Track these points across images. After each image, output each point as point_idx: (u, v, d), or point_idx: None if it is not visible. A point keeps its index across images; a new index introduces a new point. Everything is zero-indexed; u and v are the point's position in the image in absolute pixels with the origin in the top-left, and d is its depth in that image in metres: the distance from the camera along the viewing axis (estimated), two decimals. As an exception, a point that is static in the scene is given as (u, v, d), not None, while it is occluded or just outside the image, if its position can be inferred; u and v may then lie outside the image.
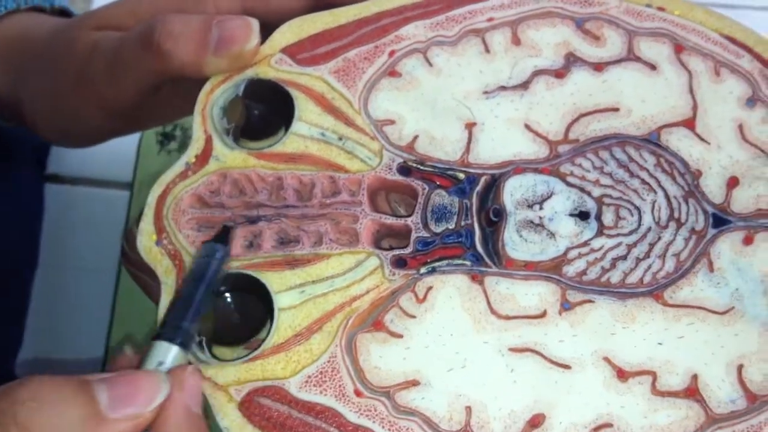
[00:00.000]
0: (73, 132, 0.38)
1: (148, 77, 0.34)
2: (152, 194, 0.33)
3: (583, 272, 0.32)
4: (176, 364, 0.28)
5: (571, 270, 0.32)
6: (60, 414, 0.25)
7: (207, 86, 0.34)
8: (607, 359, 0.31)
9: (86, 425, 0.25)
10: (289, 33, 0.35)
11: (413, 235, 0.33)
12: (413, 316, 0.31)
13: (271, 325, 0.31)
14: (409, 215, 0.33)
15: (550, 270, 0.32)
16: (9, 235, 0.49)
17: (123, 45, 0.34)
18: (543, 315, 0.31)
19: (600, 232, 0.32)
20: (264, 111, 0.35)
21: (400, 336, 0.31)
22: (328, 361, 0.30)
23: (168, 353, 0.28)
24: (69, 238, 0.52)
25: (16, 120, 0.40)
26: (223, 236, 0.31)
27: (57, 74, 0.36)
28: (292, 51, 0.35)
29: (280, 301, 0.31)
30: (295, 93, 0.34)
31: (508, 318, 0.31)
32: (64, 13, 0.41)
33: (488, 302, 0.31)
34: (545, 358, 0.30)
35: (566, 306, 0.31)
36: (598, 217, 0.33)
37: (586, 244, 0.32)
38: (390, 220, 0.33)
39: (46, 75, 0.37)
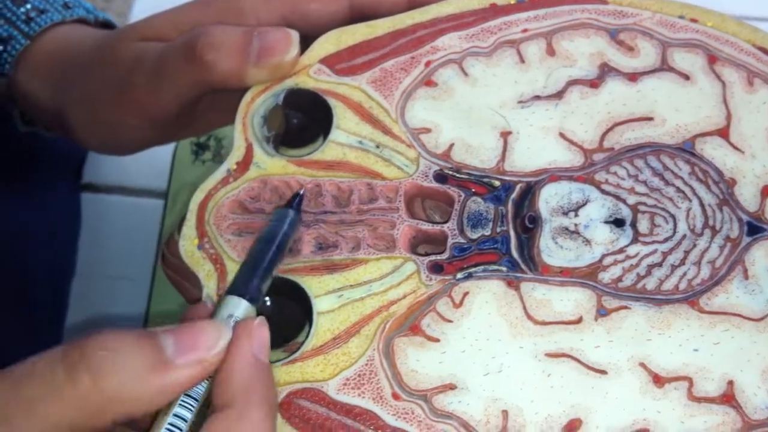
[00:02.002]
0: (112, 140, 0.39)
1: (189, 88, 0.34)
2: (194, 200, 0.34)
3: (619, 279, 0.32)
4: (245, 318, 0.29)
5: (606, 276, 0.32)
6: (128, 361, 0.26)
7: (248, 96, 0.35)
8: (643, 365, 0.31)
9: (153, 370, 0.26)
10: (327, 44, 0.36)
11: (449, 241, 0.33)
12: (450, 321, 0.32)
13: (309, 328, 0.32)
14: (445, 222, 0.33)
15: (586, 276, 0.32)
16: (47, 244, 0.50)
17: (165, 56, 0.34)
18: (579, 321, 0.31)
19: (635, 240, 0.33)
20: (303, 120, 0.35)
21: (437, 340, 0.31)
22: (366, 364, 0.31)
23: (237, 307, 0.29)
24: (104, 246, 0.52)
25: (58, 129, 0.41)
26: (295, 202, 0.32)
27: (99, 84, 0.37)
28: (331, 61, 0.36)
29: (318, 304, 0.32)
30: (333, 102, 0.35)
31: (544, 323, 0.31)
32: (107, 25, 0.42)
33: (524, 308, 0.32)
34: (581, 363, 0.31)
35: (602, 312, 0.32)
36: (633, 225, 0.33)
37: (621, 251, 0.32)
38: (426, 227, 0.33)
39: (88, 85, 0.37)
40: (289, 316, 0.33)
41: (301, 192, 0.33)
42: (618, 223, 0.33)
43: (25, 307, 0.49)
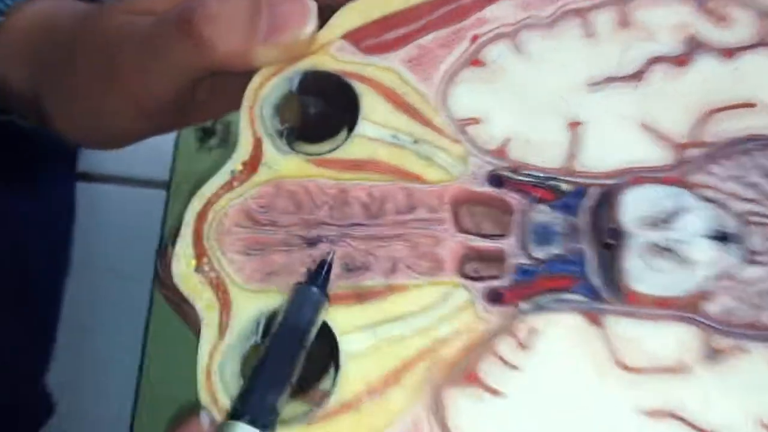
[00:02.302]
0: (96, 133, 0.33)
1: (185, 69, 0.29)
2: (190, 210, 0.27)
3: (730, 311, 0.25)
4: None
5: (713, 308, 0.26)
6: None
7: (255, 81, 0.29)
8: (766, 426, 0.24)
9: None
10: (352, 16, 0.30)
11: (510, 262, 0.26)
12: (515, 367, 0.25)
13: (336, 374, 0.25)
14: (503, 235, 0.27)
15: (688, 308, 0.26)
16: (39, 239, 0.46)
17: (156, 31, 0.29)
18: (681, 367, 0.25)
19: (747, 259, 0.26)
20: (323, 109, 0.29)
21: (499, 392, 0.25)
22: (410, 424, 0.24)
23: None
24: (101, 241, 0.49)
25: (36, 119, 0.36)
26: (321, 275, 0.25)
27: (80, 66, 0.32)
28: (356, 37, 0.29)
29: (347, 345, 0.26)
30: (360, 87, 0.28)
31: (636, 370, 0.25)
32: None
33: (610, 349, 0.25)
34: (687, 423, 0.24)
35: (710, 355, 0.25)
36: (743, 240, 0.26)
37: (730, 274, 0.26)
38: (480, 243, 0.27)
39: (67, 67, 0.32)
40: (311, 357, 0.26)
41: (329, 259, 0.26)
42: (723, 237, 0.26)
43: (23, 306, 0.45)
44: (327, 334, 0.26)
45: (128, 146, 0.35)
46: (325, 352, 0.26)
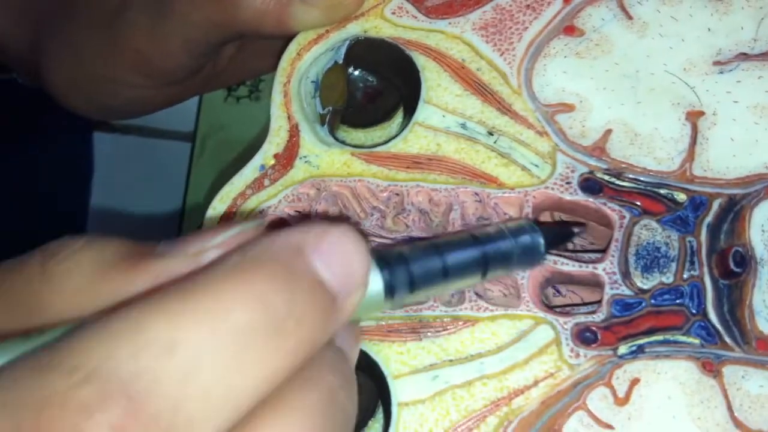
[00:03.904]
0: (102, 102, 0.30)
1: (205, 32, 0.25)
2: (211, 213, 0.22)
3: None
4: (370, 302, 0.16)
5: None
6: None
7: (292, 49, 0.24)
8: None
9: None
10: (413, -34, 0.24)
11: (607, 293, 0.21)
12: (609, 427, 0.20)
13: (387, 425, 0.21)
14: (599, 256, 0.21)
15: (841, 367, 0.20)
16: (52, 197, 0.43)
17: None
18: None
19: None
20: (375, 86, 0.25)
21: (591, 463, 0.20)
22: (477, 501, 0.20)
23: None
24: (120, 198, 0.46)
25: (36, 81, 0.31)
26: (556, 237, 0.20)
27: (83, 26, 0.28)
28: (419, -5, 0.24)
29: (400, 390, 0.21)
30: (421, 60, 0.23)
31: (769, 444, 0.20)
32: None
33: (730, 408, 0.20)
34: None
35: None
36: None
37: None
38: (570, 268, 0.21)
39: (69, 27, 0.29)
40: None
41: (577, 230, 0.21)
42: None
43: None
44: (376, 376, 0.21)
45: (138, 117, 0.30)
46: (372, 399, 0.21)
